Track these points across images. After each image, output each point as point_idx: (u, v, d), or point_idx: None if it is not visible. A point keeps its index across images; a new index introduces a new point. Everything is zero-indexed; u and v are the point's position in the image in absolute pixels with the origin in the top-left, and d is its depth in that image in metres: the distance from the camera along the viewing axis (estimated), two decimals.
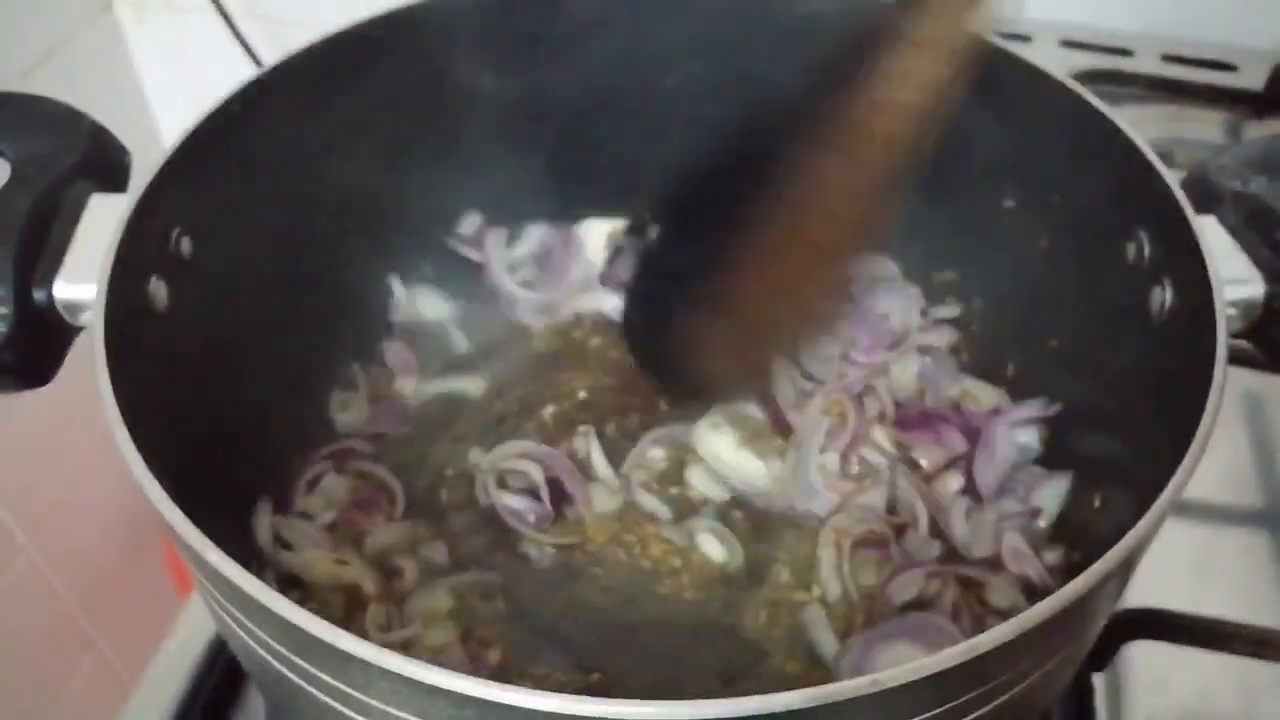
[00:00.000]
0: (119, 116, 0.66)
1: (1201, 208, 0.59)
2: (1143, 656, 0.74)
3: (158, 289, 0.60)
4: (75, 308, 0.56)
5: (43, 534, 1.27)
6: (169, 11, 1.38)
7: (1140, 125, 0.63)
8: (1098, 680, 0.72)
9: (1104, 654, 0.71)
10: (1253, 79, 1.14)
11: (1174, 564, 0.80)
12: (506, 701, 0.38)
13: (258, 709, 0.73)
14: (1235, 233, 0.59)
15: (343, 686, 0.43)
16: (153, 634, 0.76)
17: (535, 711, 0.38)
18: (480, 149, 0.83)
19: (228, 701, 0.74)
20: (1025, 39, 1.18)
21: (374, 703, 0.42)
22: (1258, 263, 0.57)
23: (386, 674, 0.39)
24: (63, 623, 1.34)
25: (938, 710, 0.42)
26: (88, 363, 0.51)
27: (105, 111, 0.66)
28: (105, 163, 0.63)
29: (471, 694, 0.38)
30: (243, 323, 0.70)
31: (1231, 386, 0.91)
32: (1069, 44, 1.20)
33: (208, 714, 0.73)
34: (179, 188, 0.60)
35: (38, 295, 0.56)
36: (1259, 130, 1.12)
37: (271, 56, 0.69)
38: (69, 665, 1.35)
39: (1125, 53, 1.19)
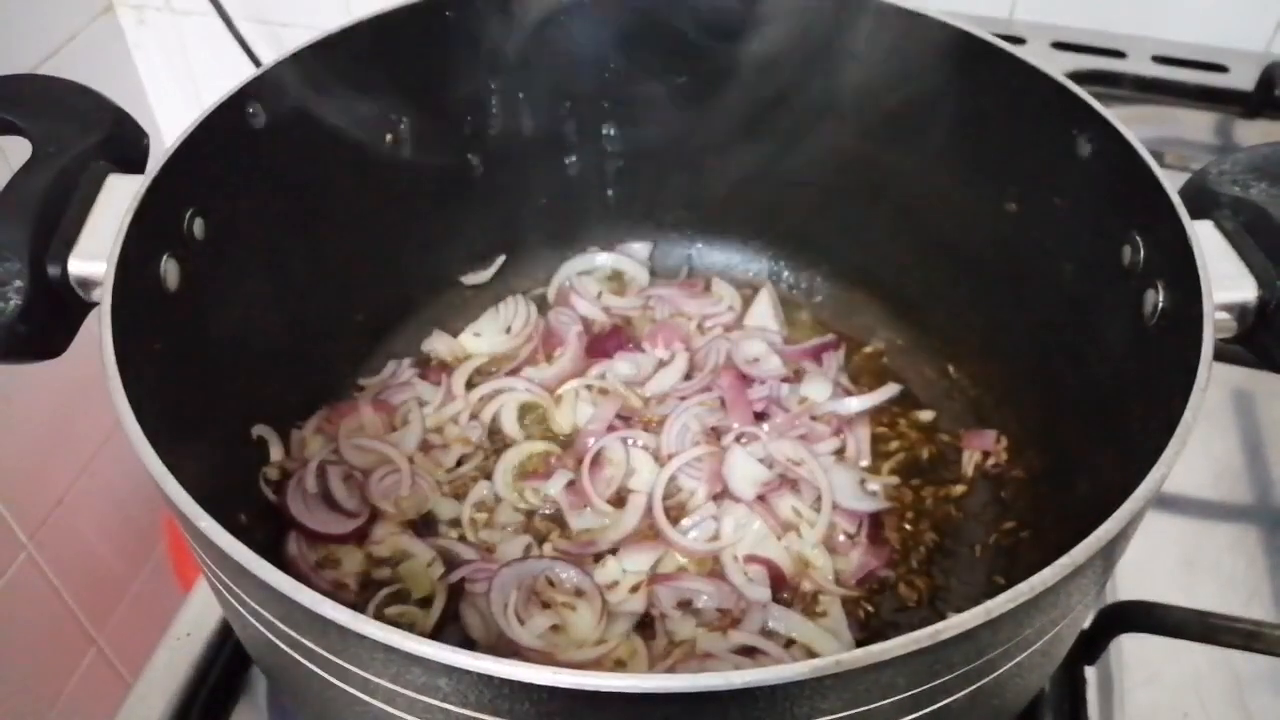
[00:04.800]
0: None
1: (1200, 212, 0.59)
2: (1134, 649, 0.75)
3: (169, 268, 0.61)
4: (88, 284, 0.58)
5: (43, 533, 1.27)
6: (169, 12, 1.38)
7: (1131, 125, 0.63)
8: (1089, 672, 0.73)
9: (1096, 646, 0.72)
10: (1243, 79, 1.15)
11: (1165, 558, 0.81)
12: (478, 670, 0.39)
13: (258, 706, 0.74)
14: (1232, 238, 0.59)
15: (323, 651, 0.44)
16: (153, 633, 0.77)
17: (508, 680, 0.39)
18: (480, 140, 0.84)
19: (228, 699, 0.74)
20: (1018, 41, 1.19)
21: (352, 668, 0.43)
22: (1252, 268, 0.57)
23: (361, 639, 0.40)
24: (63, 622, 1.34)
25: (906, 694, 0.43)
26: (90, 361, 0.52)
27: None
28: (125, 144, 0.64)
29: (444, 662, 0.39)
30: (254, 306, 0.71)
31: (1222, 384, 0.93)
32: (1060, 45, 1.21)
33: (208, 711, 0.73)
34: (193, 169, 0.62)
35: (52, 270, 0.57)
36: (1249, 130, 1.13)
37: (271, 56, 0.70)
38: (69, 665, 1.35)
39: (1117, 54, 1.20)
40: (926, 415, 0.86)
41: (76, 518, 1.32)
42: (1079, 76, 1.09)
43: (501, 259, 0.95)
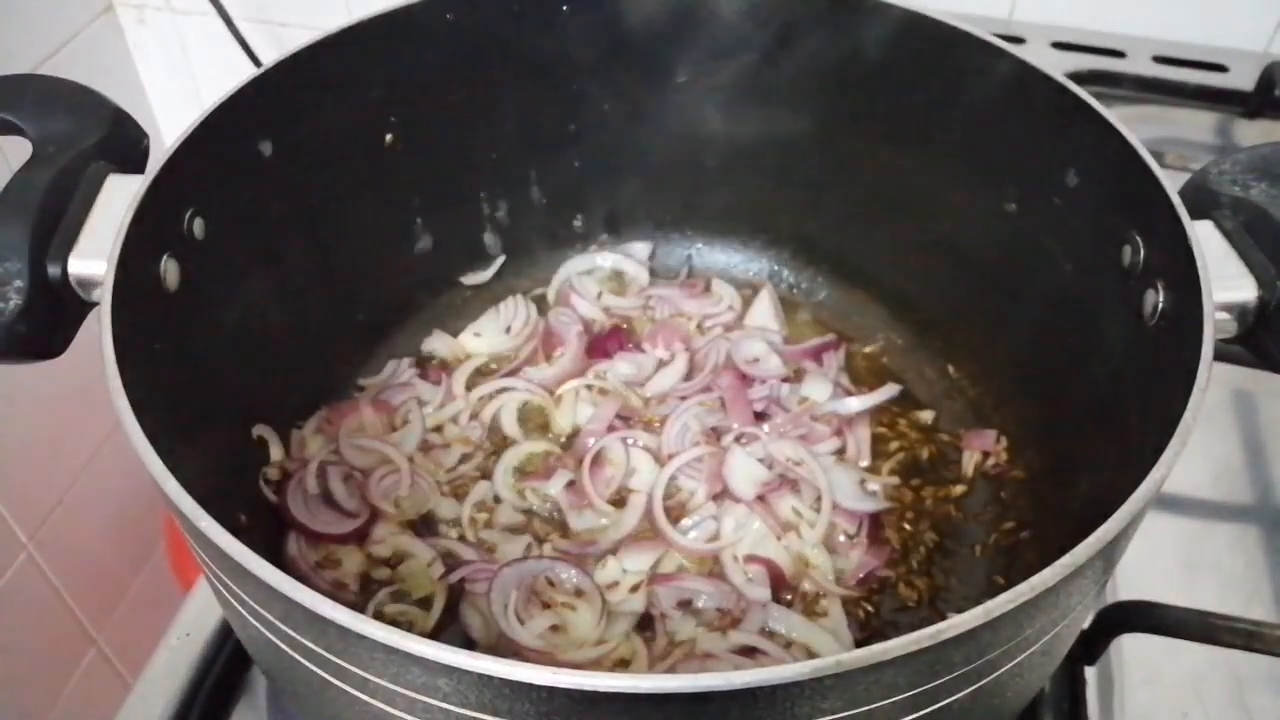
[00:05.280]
0: None
1: (1199, 212, 0.59)
2: (1134, 649, 0.75)
3: (169, 268, 0.61)
4: (88, 284, 0.58)
5: (43, 533, 1.27)
6: (169, 12, 1.39)
7: (1131, 126, 0.63)
8: (1089, 672, 0.73)
9: (1096, 646, 0.72)
10: (1243, 79, 1.15)
11: (1166, 558, 0.81)
12: (478, 670, 0.39)
13: (258, 706, 0.74)
14: (1232, 238, 0.59)
15: (323, 651, 0.44)
16: (153, 633, 0.77)
17: (508, 680, 0.39)
18: (480, 141, 0.85)
19: (228, 699, 0.74)
20: (1018, 41, 1.19)
21: (352, 668, 0.44)
22: (1252, 268, 0.57)
23: (361, 639, 0.40)
24: (63, 622, 1.34)
25: (906, 694, 0.43)
26: (90, 361, 0.52)
27: None
28: (124, 144, 0.64)
29: (444, 662, 0.39)
30: (254, 306, 0.71)
31: (1222, 384, 0.92)
32: (1060, 45, 1.21)
33: (208, 711, 0.73)
34: (193, 169, 0.62)
35: (52, 270, 0.57)
36: (1249, 130, 1.14)
37: (271, 56, 0.70)
38: (69, 665, 1.35)
39: (1117, 54, 1.20)
40: (926, 415, 0.86)
41: (76, 518, 1.32)
42: (1079, 76, 1.10)
43: (501, 259, 0.95)
